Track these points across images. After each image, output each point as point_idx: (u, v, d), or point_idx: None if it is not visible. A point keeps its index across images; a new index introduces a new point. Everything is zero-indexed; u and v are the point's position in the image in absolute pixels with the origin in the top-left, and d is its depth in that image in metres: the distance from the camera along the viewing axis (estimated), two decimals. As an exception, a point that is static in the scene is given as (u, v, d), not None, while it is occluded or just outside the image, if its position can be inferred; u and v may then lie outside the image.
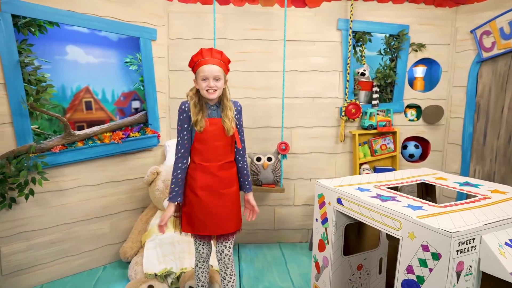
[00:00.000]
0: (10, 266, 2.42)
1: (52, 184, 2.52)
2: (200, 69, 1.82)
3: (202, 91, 1.83)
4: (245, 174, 2.02)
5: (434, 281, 1.38)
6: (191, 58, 1.90)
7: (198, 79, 1.84)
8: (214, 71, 1.82)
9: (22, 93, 2.32)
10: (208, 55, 1.86)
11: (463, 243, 1.34)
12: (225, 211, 1.90)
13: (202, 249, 2.02)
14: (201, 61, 1.84)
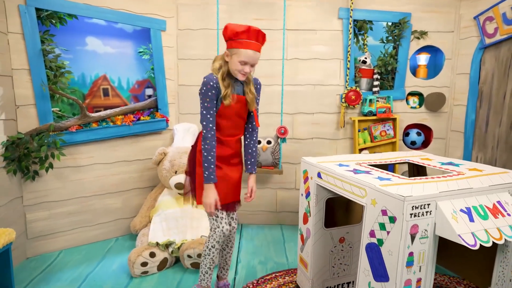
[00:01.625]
0: (34, 231, 2.74)
1: (70, 161, 2.81)
2: (243, 51, 1.70)
3: (234, 71, 1.75)
4: (253, 152, 1.99)
5: (391, 243, 1.49)
6: (234, 29, 1.70)
7: (234, 58, 1.72)
8: (256, 58, 1.74)
9: (44, 78, 2.61)
10: (254, 37, 1.71)
11: (417, 207, 1.44)
12: (236, 180, 1.97)
13: (225, 224, 1.92)
14: (246, 42, 1.69)
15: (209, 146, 1.77)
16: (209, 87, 1.75)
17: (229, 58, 1.76)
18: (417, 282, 1.52)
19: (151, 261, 2.49)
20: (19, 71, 2.55)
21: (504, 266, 1.71)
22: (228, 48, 1.75)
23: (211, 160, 1.77)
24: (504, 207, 1.57)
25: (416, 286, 1.52)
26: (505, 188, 1.65)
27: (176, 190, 2.94)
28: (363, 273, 1.64)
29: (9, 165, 2.49)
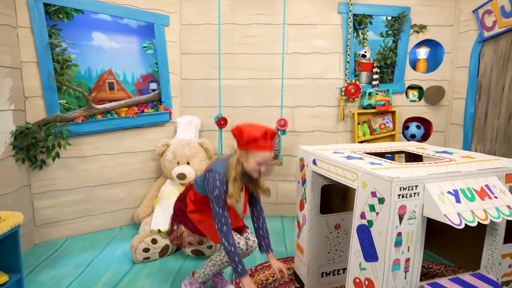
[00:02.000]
0: (41, 218, 2.84)
1: (75, 151, 2.91)
2: (260, 154, 1.77)
3: (252, 171, 1.81)
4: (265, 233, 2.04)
5: (380, 223, 1.54)
6: (252, 134, 1.75)
7: (251, 159, 1.78)
8: (270, 158, 1.83)
9: (51, 71, 2.71)
10: (270, 140, 1.80)
11: (405, 188, 1.49)
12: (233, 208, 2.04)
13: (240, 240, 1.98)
14: (264, 145, 1.77)
15: (232, 241, 1.80)
16: (222, 191, 1.79)
17: (244, 159, 1.80)
18: (406, 262, 1.57)
19: (153, 247, 2.57)
20: (28, 64, 2.65)
21: (493, 249, 1.74)
22: (245, 150, 1.79)
23: (237, 253, 1.80)
24: (492, 190, 1.61)
25: (404, 266, 1.57)
26: (493, 172, 1.69)
27: (178, 181, 3.01)
28: (354, 254, 1.69)
29: (18, 154, 2.59)
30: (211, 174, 1.81)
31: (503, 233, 1.74)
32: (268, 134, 1.78)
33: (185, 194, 2.09)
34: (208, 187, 1.82)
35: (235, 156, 1.84)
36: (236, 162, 1.82)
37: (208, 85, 3.35)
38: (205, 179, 1.86)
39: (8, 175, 2.52)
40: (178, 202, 2.11)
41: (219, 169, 1.82)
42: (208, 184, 1.81)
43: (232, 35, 3.30)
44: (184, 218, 2.04)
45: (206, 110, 3.37)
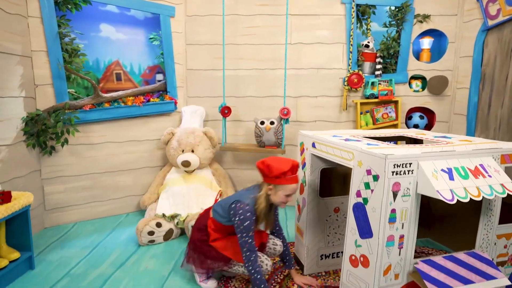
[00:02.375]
0: (51, 203, 2.94)
1: (83, 138, 2.99)
2: (288, 186, 1.87)
3: (279, 202, 1.91)
4: (286, 250, 2.14)
5: (374, 200, 1.58)
6: (280, 169, 1.85)
7: (279, 192, 1.88)
8: (297, 188, 1.95)
9: (60, 59, 2.80)
10: (296, 171, 1.90)
11: (399, 165, 1.53)
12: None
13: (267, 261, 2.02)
14: (291, 178, 1.87)
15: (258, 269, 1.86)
16: (251, 222, 1.86)
17: (272, 192, 1.90)
18: (400, 238, 1.60)
19: (157, 231, 2.64)
20: (38, 53, 2.75)
21: (488, 229, 1.77)
22: (273, 184, 1.88)
23: (263, 280, 1.86)
24: (486, 169, 1.64)
25: (399, 242, 1.60)
26: (489, 152, 1.71)
27: (183, 168, 3.08)
28: (350, 232, 1.73)
29: (29, 140, 2.68)
30: (240, 205, 1.87)
31: (498, 214, 1.76)
32: (295, 166, 1.89)
33: (203, 224, 2.08)
34: (235, 217, 1.86)
35: (264, 189, 1.91)
36: (265, 195, 1.90)
37: (213, 76, 3.41)
38: (230, 209, 1.91)
39: (20, 159, 2.61)
40: (197, 233, 2.08)
41: (247, 201, 1.89)
42: (236, 215, 1.86)
43: (236, 26, 3.35)
44: (205, 247, 2.03)
45: (210, 100, 3.43)
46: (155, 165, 3.39)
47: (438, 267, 1.63)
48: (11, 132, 2.54)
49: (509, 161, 1.76)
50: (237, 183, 3.49)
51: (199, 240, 2.06)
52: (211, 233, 2.03)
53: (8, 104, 2.50)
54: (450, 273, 1.61)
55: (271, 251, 2.12)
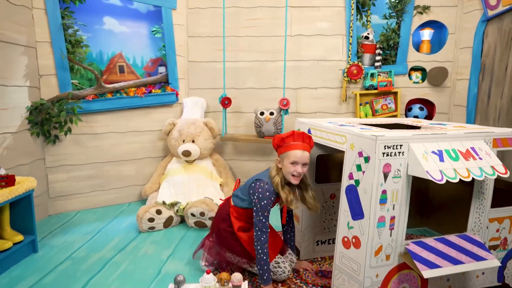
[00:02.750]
0: (55, 191, 3.01)
1: (87, 128, 3.06)
2: (291, 153, 1.80)
3: (287, 174, 1.83)
4: (293, 237, 2.16)
5: (366, 182, 1.60)
6: (280, 136, 1.84)
7: (285, 161, 1.82)
8: (305, 158, 1.81)
9: (64, 50, 2.86)
10: (300, 139, 1.83)
11: (389, 147, 1.55)
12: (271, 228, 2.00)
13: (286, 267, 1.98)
14: (293, 144, 1.81)
15: (266, 250, 1.84)
16: (270, 201, 1.83)
17: (281, 164, 1.85)
18: (391, 219, 1.63)
19: (158, 218, 2.69)
20: (42, 44, 2.81)
21: (480, 212, 1.78)
22: (279, 155, 1.87)
23: (267, 262, 1.84)
24: (477, 152, 1.66)
25: (390, 224, 1.63)
26: (480, 136, 1.73)
27: (184, 158, 3.13)
28: (343, 214, 1.76)
29: (33, 128, 2.75)
30: (259, 183, 1.84)
31: (490, 197, 1.78)
32: (296, 133, 1.84)
33: (225, 213, 2.03)
34: (254, 196, 1.84)
35: (274, 163, 1.90)
36: (276, 169, 1.88)
37: (214, 67, 3.45)
38: (250, 189, 1.88)
39: (24, 147, 2.68)
40: (221, 224, 2.03)
41: (266, 179, 1.86)
42: (255, 193, 1.84)
43: (237, 18, 3.39)
44: (230, 240, 1.99)
45: (211, 92, 3.48)
46: (157, 155, 3.44)
47: (428, 248, 1.65)
48: (16, 120, 2.61)
49: (501, 145, 1.77)
50: (237, 174, 3.53)
51: (224, 231, 2.01)
52: (234, 222, 1.99)
53: (12, 93, 2.57)
54: (440, 254, 1.64)
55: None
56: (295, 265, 2.13)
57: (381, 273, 1.67)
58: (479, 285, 1.87)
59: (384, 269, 1.67)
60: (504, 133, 1.79)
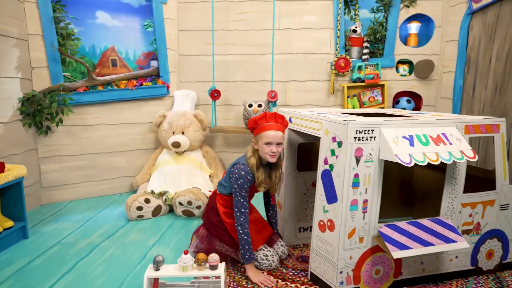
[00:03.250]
0: (47, 181, 3.07)
1: (78, 120, 3.12)
2: (264, 134, 1.87)
3: (264, 154, 1.89)
4: (276, 221, 2.23)
5: (339, 166, 1.66)
6: (255, 120, 1.92)
7: (260, 142, 1.89)
8: (278, 137, 1.87)
9: (55, 43, 2.92)
10: (272, 120, 1.90)
11: (361, 132, 1.61)
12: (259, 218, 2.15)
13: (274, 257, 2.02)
14: (266, 125, 1.88)
15: (246, 230, 1.90)
16: (246, 180, 1.89)
17: (257, 146, 1.92)
18: (364, 203, 1.68)
19: (146, 206, 2.76)
20: (34, 36, 2.87)
21: (453, 197, 1.84)
22: (254, 137, 1.94)
23: (248, 242, 1.90)
24: (448, 137, 1.71)
25: (362, 207, 1.69)
26: (453, 123, 1.78)
27: (173, 149, 3.19)
28: (319, 199, 1.81)
29: (25, 119, 2.81)
30: (236, 166, 1.92)
31: (462, 182, 1.83)
32: (268, 115, 1.91)
33: (213, 203, 2.10)
34: (233, 178, 1.91)
35: (250, 146, 1.97)
36: (252, 150, 1.95)
37: (204, 61, 3.50)
38: (230, 173, 1.95)
39: (16, 137, 2.74)
40: (209, 213, 2.09)
41: (242, 160, 1.95)
42: (233, 175, 1.91)
43: (227, 12, 3.44)
44: (219, 230, 2.04)
45: (202, 85, 3.53)
46: (148, 147, 3.50)
47: (400, 231, 1.71)
48: (8, 110, 2.67)
49: (473, 132, 1.83)
50: (227, 166, 3.58)
51: (211, 221, 2.06)
52: (219, 208, 2.05)
53: (4, 84, 2.63)
54: (411, 237, 1.69)
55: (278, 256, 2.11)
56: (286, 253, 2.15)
57: (355, 255, 1.73)
58: (453, 268, 1.93)
59: (358, 251, 1.73)
60: (476, 120, 1.84)
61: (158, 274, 1.61)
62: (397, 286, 1.84)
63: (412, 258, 1.83)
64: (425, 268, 1.88)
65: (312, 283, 1.89)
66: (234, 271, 2.00)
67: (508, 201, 1.95)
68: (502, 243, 1.99)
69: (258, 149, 1.93)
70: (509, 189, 1.94)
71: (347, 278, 1.73)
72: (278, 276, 1.96)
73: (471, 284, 1.88)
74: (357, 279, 1.75)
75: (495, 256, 1.99)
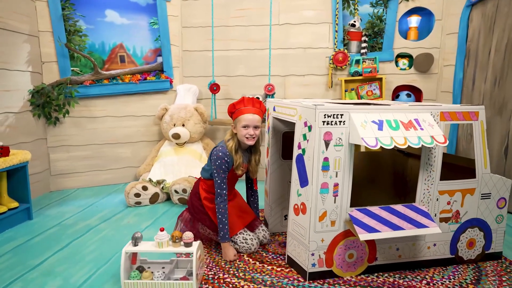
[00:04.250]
0: (56, 169, 3.27)
1: (85, 112, 3.30)
2: (242, 117, 1.96)
3: (242, 137, 1.97)
4: (257, 205, 2.31)
5: (310, 150, 1.71)
6: (233, 104, 2.02)
7: (238, 126, 1.98)
8: (255, 120, 1.96)
9: (63, 39, 3.11)
10: (249, 104, 1.99)
11: (329, 116, 1.65)
12: (242, 203, 2.25)
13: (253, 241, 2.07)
14: (244, 109, 1.97)
15: (223, 210, 1.97)
16: (223, 161, 1.97)
17: (236, 130, 2.01)
18: (334, 186, 1.72)
19: (144, 194, 2.89)
20: (44, 33, 3.08)
21: (429, 184, 1.84)
22: (233, 121, 2.03)
23: (225, 222, 1.98)
24: (420, 123, 1.72)
25: (333, 190, 1.72)
26: (427, 109, 1.79)
27: (174, 140, 3.31)
28: (294, 183, 1.87)
29: (35, 110, 3.02)
30: (216, 148, 2.01)
31: (439, 169, 1.83)
32: (246, 99, 1.99)
33: (196, 188, 2.18)
34: (212, 160, 2.00)
35: (230, 129, 2.06)
36: (230, 133, 2.04)
37: (206, 56, 3.61)
38: (210, 156, 2.03)
39: (26, 127, 2.95)
40: (193, 197, 2.17)
41: (221, 144, 2.05)
42: (212, 158, 1.99)
43: (228, 9, 3.54)
44: (201, 214, 2.12)
45: (204, 80, 3.64)
46: (152, 139, 3.65)
47: (371, 215, 1.73)
48: (19, 101, 2.88)
49: (449, 119, 1.83)
50: (228, 158, 3.67)
51: (194, 206, 2.15)
52: (201, 193, 2.14)
53: (15, 77, 2.83)
54: (382, 220, 1.71)
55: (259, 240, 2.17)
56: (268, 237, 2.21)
57: (327, 238, 1.76)
58: (431, 256, 1.92)
59: (330, 234, 1.76)
60: (453, 108, 1.84)
61: (135, 249, 1.71)
62: (372, 271, 1.86)
63: (387, 244, 1.85)
64: (401, 255, 1.89)
65: (289, 266, 1.94)
66: (216, 253, 2.08)
67: (490, 190, 1.93)
68: (484, 232, 1.97)
69: (236, 132, 2.01)
70: (490, 178, 1.92)
71: (319, 260, 1.77)
72: (257, 259, 2.02)
73: (449, 272, 1.87)
74: (330, 262, 1.79)
75: (476, 246, 1.97)
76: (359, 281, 1.78)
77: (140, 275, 1.70)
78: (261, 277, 1.82)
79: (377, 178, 2.61)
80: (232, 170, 2.05)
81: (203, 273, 1.85)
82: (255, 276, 1.83)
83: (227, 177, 2.04)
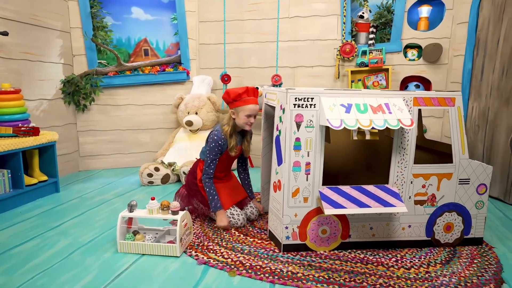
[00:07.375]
0: (84, 151, 3.66)
1: (110, 100, 3.66)
2: (246, 107, 2.13)
3: (243, 124, 2.17)
4: (249, 182, 2.49)
5: (284, 130, 1.85)
6: (236, 92, 2.14)
7: (240, 113, 2.15)
8: (256, 110, 2.19)
9: (89, 34, 3.48)
10: (252, 94, 2.18)
11: (300, 99, 1.79)
12: (234, 183, 2.44)
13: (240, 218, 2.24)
14: (248, 99, 2.15)
15: (209, 183, 2.22)
16: (217, 144, 2.18)
17: (235, 116, 2.18)
18: (306, 165, 1.86)
19: (156, 174, 3.17)
20: (75, 29, 3.45)
21: (402, 167, 1.91)
22: (234, 108, 2.18)
23: (214, 193, 2.20)
24: (390, 108, 1.80)
25: (305, 169, 1.86)
26: (400, 95, 1.86)
27: (187, 127, 3.57)
28: (273, 162, 2.02)
29: (66, 98, 3.41)
30: (212, 133, 2.23)
31: (412, 153, 1.90)
32: (250, 89, 2.17)
33: (194, 167, 2.39)
34: (207, 142, 2.22)
35: (227, 114, 2.22)
36: (228, 119, 2.21)
37: (221, 49, 3.82)
38: (207, 139, 2.24)
39: (58, 112, 3.35)
40: (189, 176, 2.40)
41: (217, 128, 2.25)
42: (208, 140, 2.21)
43: (241, 3, 3.72)
44: (195, 191, 2.33)
45: (219, 71, 3.85)
46: (169, 126, 3.94)
47: (341, 193, 1.85)
48: (52, 90, 3.28)
49: (423, 104, 1.88)
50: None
51: (192, 182, 2.37)
52: (198, 173, 2.35)
53: (49, 68, 3.23)
54: (350, 198, 1.82)
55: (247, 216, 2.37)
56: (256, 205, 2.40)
57: (300, 214, 1.91)
58: (406, 237, 1.99)
59: (303, 210, 1.90)
60: (428, 93, 1.89)
61: (130, 215, 1.97)
62: (345, 247, 1.97)
63: (359, 222, 1.95)
64: (375, 234, 1.98)
65: (269, 240, 2.10)
66: (207, 226, 2.29)
67: (469, 176, 1.95)
68: (462, 217, 2.00)
69: (235, 118, 2.19)
70: (469, 164, 1.94)
71: (293, 233, 1.92)
72: (243, 232, 2.21)
73: (422, 253, 1.93)
74: (303, 236, 1.93)
75: (454, 230, 2.01)
76: (331, 255, 1.91)
77: (133, 237, 1.95)
78: (241, 247, 2.00)
79: (374, 165, 2.68)
80: (227, 152, 2.24)
81: (191, 241, 2.06)
82: (236, 246, 2.02)
83: (222, 158, 2.25)
